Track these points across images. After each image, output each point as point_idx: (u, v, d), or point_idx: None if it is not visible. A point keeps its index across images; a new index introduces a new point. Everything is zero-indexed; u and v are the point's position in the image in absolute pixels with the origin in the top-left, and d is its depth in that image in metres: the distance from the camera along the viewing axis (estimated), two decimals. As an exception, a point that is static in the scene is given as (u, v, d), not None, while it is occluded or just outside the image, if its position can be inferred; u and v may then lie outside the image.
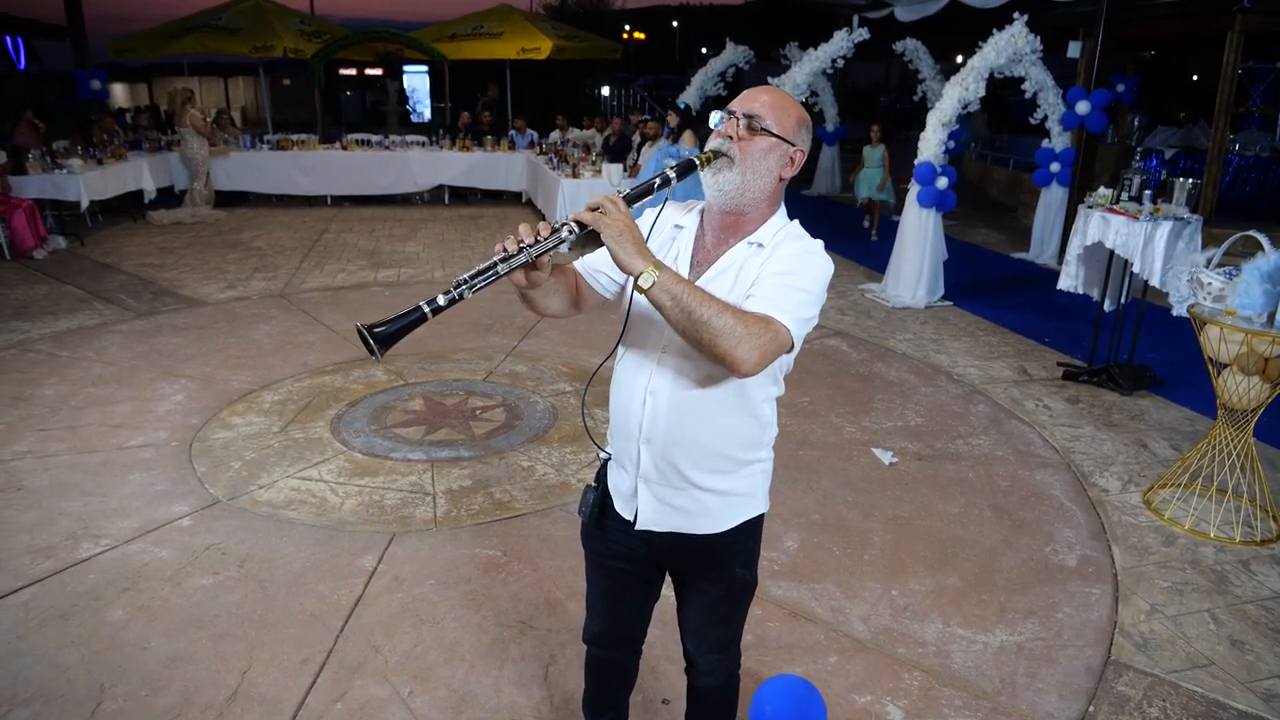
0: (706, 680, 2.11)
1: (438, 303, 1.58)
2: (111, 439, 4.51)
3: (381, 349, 1.55)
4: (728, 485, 1.86)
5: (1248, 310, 3.69)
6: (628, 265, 1.57)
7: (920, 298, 7.54)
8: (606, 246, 1.59)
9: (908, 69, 12.45)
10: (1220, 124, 9.76)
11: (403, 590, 3.29)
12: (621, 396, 1.88)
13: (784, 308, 1.63)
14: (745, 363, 1.56)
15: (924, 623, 3.19)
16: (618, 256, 1.57)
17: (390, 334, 1.55)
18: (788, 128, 1.74)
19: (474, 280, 1.60)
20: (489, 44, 15.13)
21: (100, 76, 12.91)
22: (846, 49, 9.60)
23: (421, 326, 1.63)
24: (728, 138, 1.73)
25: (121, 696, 2.70)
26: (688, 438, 1.80)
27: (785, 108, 1.75)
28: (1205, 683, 2.89)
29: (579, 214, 1.59)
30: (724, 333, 1.54)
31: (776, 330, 1.60)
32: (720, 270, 1.76)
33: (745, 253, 1.76)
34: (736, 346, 1.55)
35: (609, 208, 1.57)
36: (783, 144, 1.74)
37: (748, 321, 1.57)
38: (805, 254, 1.71)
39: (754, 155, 1.72)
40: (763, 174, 1.73)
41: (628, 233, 1.56)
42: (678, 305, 1.55)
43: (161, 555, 3.48)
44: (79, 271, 8.13)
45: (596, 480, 2.01)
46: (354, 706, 2.69)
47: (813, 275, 1.69)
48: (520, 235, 1.62)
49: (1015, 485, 4.28)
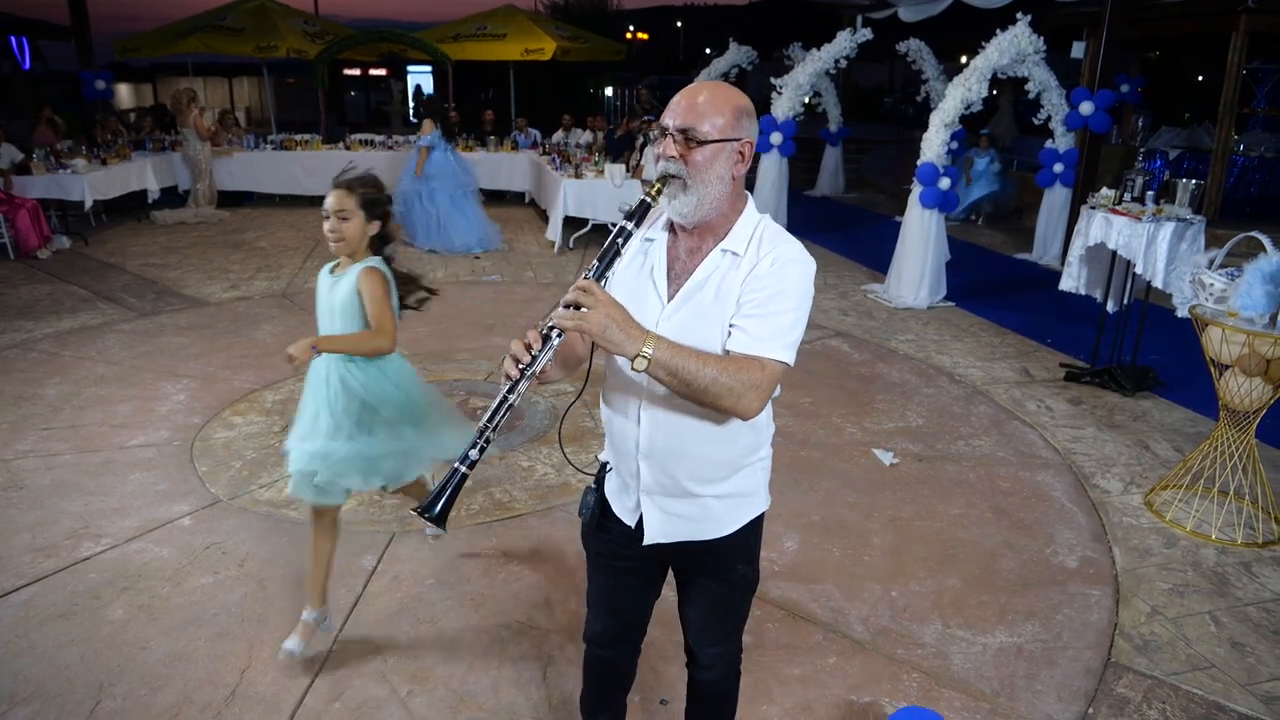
0: (707, 675, 2.12)
1: (471, 457, 1.67)
2: (113, 438, 4.52)
3: (442, 524, 1.67)
4: (730, 488, 1.86)
5: (1250, 311, 3.68)
6: (620, 352, 1.59)
7: (923, 298, 7.53)
8: (596, 342, 1.60)
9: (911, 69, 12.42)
10: (1224, 125, 9.73)
11: (402, 590, 3.30)
12: (616, 415, 1.89)
13: (771, 341, 1.66)
14: (749, 412, 1.65)
15: (923, 624, 3.18)
16: (609, 349, 1.60)
17: (444, 509, 1.65)
18: (725, 125, 1.67)
19: (493, 419, 1.67)
20: (493, 45, 15.15)
21: (105, 77, 12.93)
22: (850, 49, 9.60)
23: (424, 327, 1.66)
24: (671, 158, 1.69)
25: (121, 695, 2.71)
26: (686, 451, 1.81)
27: (718, 106, 1.68)
28: (1205, 685, 2.88)
29: (560, 320, 1.58)
30: (724, 394, 1.61)
31: (771, 369, 1.66)
32: (699, 283, 1.74)
33: (722, 263, 1.73)
34: (739, 401, 1.63)
35: (585, 301, 1.57)
36: (726, 144, 1.69)
37: (744, 374, 1.62)
38: (785, 266, 1.69)
39: (701, 167, 1.68)
40: (714, 182, 1.69)
41: (612, 324, 1.57)
42: (675, 378, 1.60)
43: (162, 554, 3.48)
44: (82, 271, 8.16)
45: (596, 483, 2.01)
46: (352, 706, 2.69)
47: (794, 290, 1.69)
48: (515, 353, 1.65)
49: (1016, 486, 4.27)
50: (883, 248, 9.09)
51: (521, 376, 1.64)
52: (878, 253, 9.21)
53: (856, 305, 7.59)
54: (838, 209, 13.25)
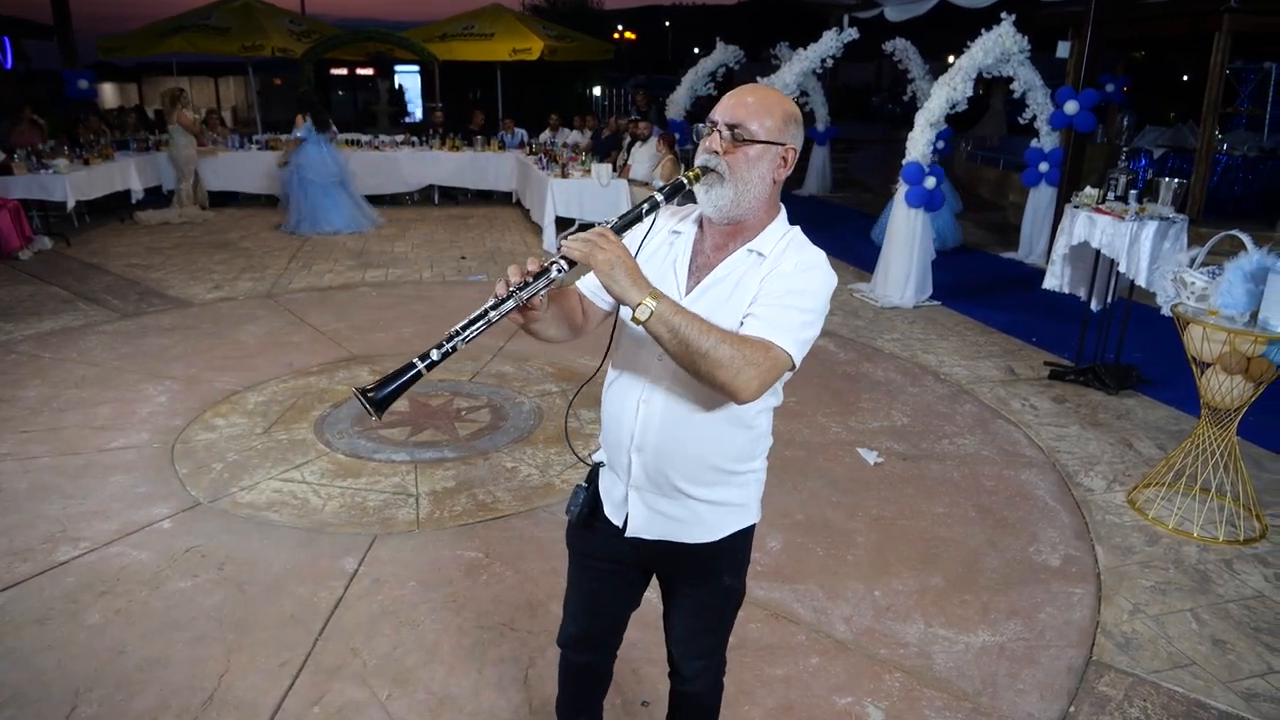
0: (690, 687, 2.09)
1: (431, 357, 1.57)
2: (93, 441, 4.48)
3: (379, 411, 1.54)
4: (720, 495, 1.84)
5: (1230, 310, 3.70)
6: (623, 297, 1.54)
7: (908, 297, 7.55)
8: (599, 280, 1.56)
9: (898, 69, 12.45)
10: (1208, 124, 9.79)
11: (383, 592, 3.28)
12: (614, 403, 1.86)
13: (784, 330, 1.61)
14: (745, 391, 1.57)
15: (906, 623, 3.18)
16: (612, 289, 1.54)
17: (385, 396, 1.54)
18: (774, 129, 1.67)
19: (466, 330, 1.59)
20: (481, 45, 15.11)
21: (88, 76, 12.84)
22: (836, 49, 9.60)
23: (410, 328, 1.63)
24: (713, 152, 1.68)
25: (97, 701, 2.68)
26: (679, 449, 1.78)
27: (769, 108, 1.68)
28: (1186, 683, 2.89)
29: (568, 248, 1.55)
30: (723, 363, 1.54)
31: (776, 355, 1.60)
32: (719, 278, 1.73)
33: (745, 261, 1.72)
34: (736, 376, 1.55)
35: (599, 240, 1.54)
36: (771, 147, 1.68)
37: (747, 349, 1.56)
38: (808, 269, 1.68)
39: (743, 165, 1.67)
40: (754, 182, 1.68)
41: (620, 264, 1.53)
42: (675, 337, 1.54)
43: (141, 558, 3.45)
44: (64, 272, 8.09)
45: (588, 481, 1.99)
46: (332, 710, 2.67)
47: (814, 293, 1.67)
48: (509, 277, 1.60)
49: (1000, 485, 4.28)
50: (869, 247, 9.11)
51: (508, 297, 1.59)
52: (864, 252, 9.23)
53: (842, 304, 7.60)
54: (825, 208, 13.27)
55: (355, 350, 5.97)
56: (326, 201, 10.27)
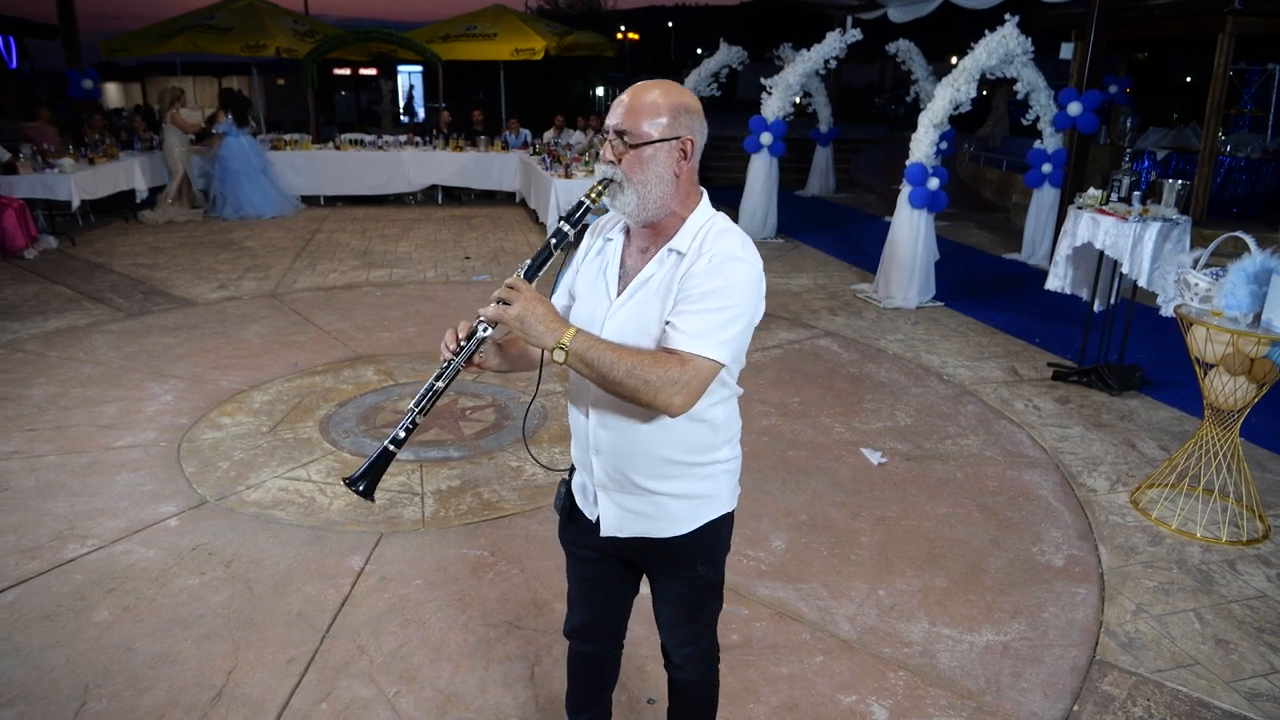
0: (680, 674, 2.12)
1: (399, 436, 1.78)
2: (99, 439, 4.50)
3: (369, 496, 1.78)
4: (686, 489, 1.85)
5: (1234, 311, 3.71)
6: (539, 344, 1.63)
7: (912, 298, 7.56)
8: (515, 333, 1.64)
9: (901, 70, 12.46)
10: (1211, 125, 9.79)
11: (389, 590, 3.29)
12: (573, 411, 1.92)
13: (700, 337, 1.62)
14: (671, 407, 1.63)
15: (910, 622, 3.19)
16: (528, 339, 1.63)
17: (370, 480, 1.77)
18: (666, 125, 1.67)
19: (421, 403, 1.77)
20: (484, 45, 15.12)
21: (92, 76, 12.87)
22: (839, 50, 9.62)
23: (414, 328, 1.73)
24: (610, 162, 1.71)
25: (106, 697, 2.69)
26: (632, 447, 1.81)
27: (656, 106, 1.68)
28: (1190, 682, 2.90)
29: (486, 311, 1.67)
30: (640, 388, 1.60)
31: (696, 366, 1.62)
32: (643, 281, 1.74)
33: (667, 261, 1.73)
34: (657, 396, 1.60)
35: (509, 296, 1.62)
36: (665, 143, 1.68)
37: (662, 369, 1.60)
38: (723, 263, 1.65)
39: (638, 168, 1.68)
40: (654, 182, 1.69)
41: (530, 315, 1.61)
42: (592, 370, 1.61)
43: (148, 556, 3.47)
44: (69, 271, 8.11)
45: (570, 475, 2.03)
46: (339, 707, 2.69)
47: (730, 288, 1.64)
48: (447, 343, 1.76)
49: (1003, 485, 4.29)
50: (872, 248, 9.12)
51: (449, 365, 1.74)
52: (867, 253, 9.24)
53: (846, 305, 7.61)
54: (828, 209, 13.27)
55: (360, 350, 5.99)
56: (249, 187, 11.15)
